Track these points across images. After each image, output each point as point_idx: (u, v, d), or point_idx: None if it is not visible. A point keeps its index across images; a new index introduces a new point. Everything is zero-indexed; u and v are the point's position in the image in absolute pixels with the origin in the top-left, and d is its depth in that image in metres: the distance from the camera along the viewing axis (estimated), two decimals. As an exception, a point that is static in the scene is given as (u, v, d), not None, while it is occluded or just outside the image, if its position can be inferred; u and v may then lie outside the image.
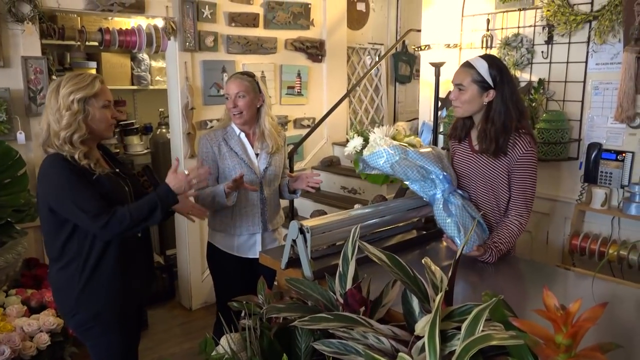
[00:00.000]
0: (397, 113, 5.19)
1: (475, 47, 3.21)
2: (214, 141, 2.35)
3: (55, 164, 1.72)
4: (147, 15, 3.30)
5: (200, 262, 3.70)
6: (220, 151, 2.34)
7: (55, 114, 1.73)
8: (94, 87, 1.77)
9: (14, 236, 2.45)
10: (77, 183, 1.70)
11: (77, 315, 1.82)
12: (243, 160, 2.34)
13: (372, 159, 1.82)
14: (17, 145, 2.75)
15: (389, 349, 1.14)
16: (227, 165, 2.33)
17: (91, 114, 1.77)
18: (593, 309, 0.80)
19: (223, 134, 2.37)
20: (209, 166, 2.26)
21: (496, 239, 1.84)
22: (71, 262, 1.78)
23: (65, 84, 1.75)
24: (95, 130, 1.80)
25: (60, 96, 1.73)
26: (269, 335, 1.37)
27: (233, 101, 2.30)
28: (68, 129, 1.71)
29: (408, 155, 1.81)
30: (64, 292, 1.82)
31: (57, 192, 1.72)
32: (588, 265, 2.71)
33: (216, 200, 2.25)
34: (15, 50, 2.84)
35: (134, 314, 1.97)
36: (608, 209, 2.73)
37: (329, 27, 4.16)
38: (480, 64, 1.88)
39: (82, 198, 1.69)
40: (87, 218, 1.68)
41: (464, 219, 1.81)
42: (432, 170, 1.82)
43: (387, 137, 1.85)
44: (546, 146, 2.79)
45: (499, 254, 1.81)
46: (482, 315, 0.98)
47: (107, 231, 1.71)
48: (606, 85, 2.72)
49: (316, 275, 1.60)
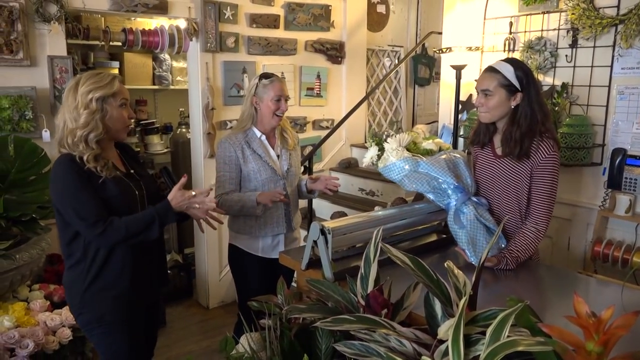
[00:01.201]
0: (416, 116, 5.16)
1: (498, 50, 3.18)
2: (237, 145, 2.34)
3: (62, 166, 1.72)
4: (170, 16, 3.34)
5: (218, 260, 3.73)
6: (244, 154, 2.34)
7: (73, 112, 1.72)
8: (113, 87, 1.77)
9: (38, 232, 2.49)
10: (80, 188, 1.69)
11: (82, 315, 1.82)
12: (267, 162, 2.35)
13: (386, 172, 1.85)
14: (42, 143, 2.80)
15: (411, 352, 1.13)
16: (251, 168, 2.34)
17: (109, 113, 1.76)
18: (625, 317, 0.79)
19: (244, 137, 2.37)
20: (232, 172, 2.29)
21: (512, 247, 1.81)
22: (79, 262, 1.79)
23: (85, 82, 1.74)
24: (111, 129, 1.79)
25: (78, 94, 1.73)
26: (289, 335, 1.37)
27: (283, 103, 2.33)
28: (85, 127, 1.71)
29: (419, 167, 1.81)
30: (70, 291, 1.84)
31: (60, 194, 1.72)
32: (610, 272, 2.66)
33: (244, 209, 2.26)
34: (41, 49, 2.90)
35: (143, 314, 1.94)
36: (632, 216, 2.68)
37: (349, 29, 4.17)
38: (506, 68, 1.86)
39: (82, 204, 1.68)
40: (84, 225, 1.69)
41: (475, 230, 1.78)
42: (444, 180, 1.81)
43: (402, 146, 1.85)
44: (569, 151, 2.76)
45: (516, 261, 1.78)
46: (508, 320, 0.97)
47: (102, 240, 1.71)
48: (632, 90, 2.67)
49: (337, 277, 1.60)
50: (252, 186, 2.35)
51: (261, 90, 2.33)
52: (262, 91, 2.32)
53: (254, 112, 2.37)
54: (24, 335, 2.16)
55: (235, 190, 2.34)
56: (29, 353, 2.11)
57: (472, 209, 1.81)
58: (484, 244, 1.77)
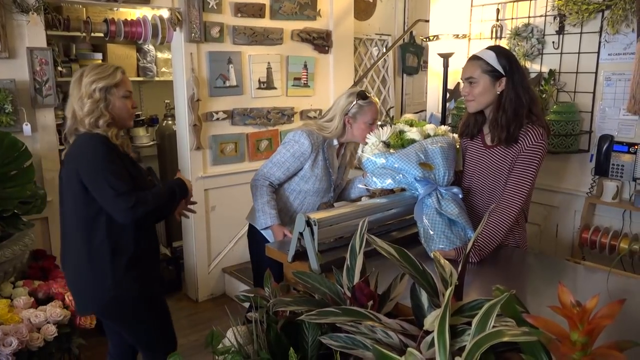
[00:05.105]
0: (405, 105, 5.14)
1: (485, 37, 3.16)
2: (317, 145, 2.21)
3: (92, 139, 1.80)
4: (153, 6, 3.27)
5: (207, 254, 3.70)
6: (316, 158, 2.23)
7: (79, 102, 1.81)
8: (116, 77, 1.84)
9: (20, 228, 2.45)
10: (112, 159, 1.77)
11: (115, 297, 1.85)
12: (330, 172, 2.29)
13: (366, 168, 1.87)
14: (23, 136, 2.74)
15: (397, 343, 1.12)
16: (316, 173, 2.24)
17: (112, 103, 1.84)
18: (610, 306, 0.78)
19: (324, 140, 2.25)
20: (290, 169, 2.22)
21: (478, 240, 1.72)
22: (101, 244, 1.80)
23: (88, 73, 1.82)
24: (116, 118, 1.86)
25: (82, 85, 1.81)
26: (275, 328, 1.36)
27: (375, 127, 2.18)
28: (91, 114, 1.80)
29: (387, 162, 1.79)
30: (95, 277, 1.84)
31: (92, 167, 1.76)
32: (598, 258, 2.67)
33: (259, 212, 2.19)
34: (20, 41, 2.83)
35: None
36: (619, 202, 2.69)
37: (336, 18, 4.12)
38: (488, 55, 1.86)
39: (115, 176, 1.74)
40: (114, 195, 1.72)
41: (433, 223, 1.72)
42: (408, 173, 1.77)
43: (382, 140, 1.84)
44: (557, 138, 2.75)
45: (480, 254, 1.71)
46: (494, 310, 0.96)
47: (131, 213, 1.73)
48: (619, 76, 2.67)
49: (323, 269, 1.58)
50: (305, 188, 2.26)
51: (357, 110, 2.19)
52: (358, 112, 2.19)
53: (342, 129, 2.23)
54: (7, 333, 2.12)
55: (274, 187, 2.24)
56: (13, 351, 2.07)
57: (435, 201, 1.75)
58: (441, 236, 1.71)
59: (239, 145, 3.71)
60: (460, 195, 1.81)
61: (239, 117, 3.66)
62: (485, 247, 1.73)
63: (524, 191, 1.81)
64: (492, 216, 1.77)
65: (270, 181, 2.23)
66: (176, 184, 1.96)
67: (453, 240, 1.72)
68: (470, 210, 1.89)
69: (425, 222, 1.74)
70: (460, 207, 1.77)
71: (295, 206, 2.30)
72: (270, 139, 3.86)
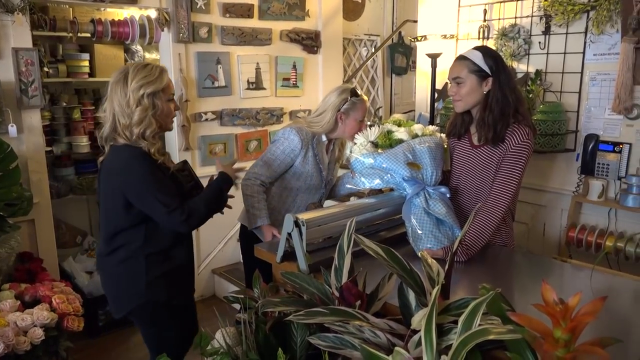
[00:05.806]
0: (394, 105, 5.15)
1: (472, 37, 3.19)
2: (306, 141, 2.23)
3: (136, 159, 1.72)
4: (140, 6, 3.25)
5: (196, 255, 3.68)
6: (307, 154, 2.24)
7: (125, 109, 1.71)
8: (163, 81, 1.75)
9: (6, 230, 2.42)
10: (159, 178, 1.72)
11: (146, 302, 1.83)
12: (320, 168, 2.29)
13: (354, 168, 1.88)
14: (9, 138, 2.71)
15: (385, 343, 1.13)
16: (307, 170, 2.25)
17: (159, 109, 1.76)
18: (592, 303, 0.79)
19: (314, 136, 2.27)
20: (280, 166, 2.22)
21: (466, 239, 1.73)
22: (137, 250, 1.78)
23: (134, 76, 1.72)
24: (162, 124, 1.80)
25: (129, 89, 1.70)
26: (264, 329, 1.35)
27: (363, 125, 2.23)
28: (140, 125, 1.71)
29: (375, 162, 1.81)
30: (128, 281, 1.83)
31: (139, 185, 1.71)
32: (585, 257, 2.70)
33: (250, 212, 2.18)
34: (5, 41, 2.79)
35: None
36: (605, 201, 2.72)
37: (325, 18, 4.12)
38: (474, 55, 1.87)
39: (164, 193, 1.71)
40: (166, 212, 1.69)
41: (421, 223, 1.73)
42: (396, 173, 1.78)
43: (370, 140, 1.86)
44: (543, 137, 2.78)
45: (468, 252, 1.72)
46: (479, 309, 0.97)
47: (185, 225, 1.73)
48: (604, 76, 2.70)
49: (312, 269, 1.58)
50: (297, 185, 2.27)
51: (350, 107, 2.22)
52: (351, 108, 2.22)
53: (334, 125, 2.26)
54: (-7, 337, 2.09)
55: (265, 187, 2.24)
56: (-1, 355, 2.05)
57: (422, 201, 1.75)
58: (429, 236, 1.72)
59: (228, 146, 3.70)
60: (447, 194, 1.82)
61: (227, 118, 3.64)
62: (472, 246, 1.74)
63: (511, 190, 1.82)
64: (479, 215, 1.77)
65: (262, 180, 2.22)
66: (222, 180, 1.90)
67: (441, 240, 1.72)
68: (457, 210, 1.90)
69: (413, 221, 1.75)
70: (448, 207, 1.78)
71: (287, 204, 2.30)
72: (260, 140, 3.85)
